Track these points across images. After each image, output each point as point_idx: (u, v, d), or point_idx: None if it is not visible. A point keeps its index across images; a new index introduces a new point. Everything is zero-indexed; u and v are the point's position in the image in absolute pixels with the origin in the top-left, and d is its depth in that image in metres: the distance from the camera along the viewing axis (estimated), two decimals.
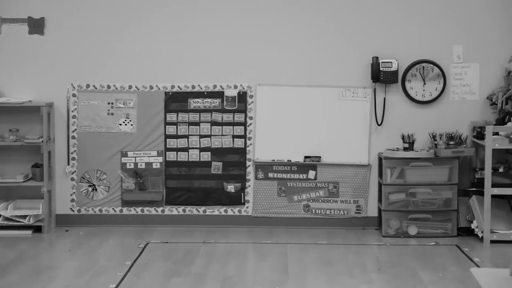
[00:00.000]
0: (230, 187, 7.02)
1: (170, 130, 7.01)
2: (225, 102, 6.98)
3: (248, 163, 7.01)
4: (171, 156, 7.01)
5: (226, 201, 7.03)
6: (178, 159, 7.01)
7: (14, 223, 6.76)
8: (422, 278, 5.51)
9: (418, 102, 6.91)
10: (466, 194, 6.80)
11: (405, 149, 6.74)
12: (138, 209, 7.06)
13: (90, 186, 7.04)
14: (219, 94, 6.98)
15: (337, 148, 6.94)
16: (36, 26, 6.94)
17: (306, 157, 6.95)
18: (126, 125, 7.00)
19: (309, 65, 6.93)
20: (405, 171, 6.66)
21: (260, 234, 6.79)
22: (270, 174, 7.01)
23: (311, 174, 6.98)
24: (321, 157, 6.95)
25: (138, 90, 6.99)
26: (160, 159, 7.02)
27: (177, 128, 7.00)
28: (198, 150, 7.01)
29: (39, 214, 6.82)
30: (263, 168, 7.00)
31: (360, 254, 6.17)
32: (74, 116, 7.00)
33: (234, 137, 7.01)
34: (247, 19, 6.92)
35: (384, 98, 6.91)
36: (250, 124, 6.98)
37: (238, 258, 6.05)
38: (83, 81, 6.99)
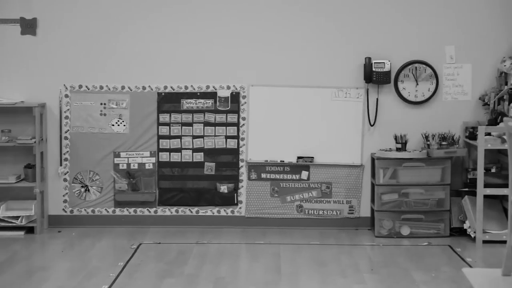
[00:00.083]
0: (223, 188, 7.01)
1: (163, 130, 7.00)
2: (218, 103, 6.98)
3: (241, 164, 7.01)
4: (164, 156, 7.01)
5: (219, 201, 7.02)
6: (171, 160, 7.01)
7: (6, 224, 6.74)
8: (414, 278, 5.52)
9: (411, 103, 6.92)
10: (459, 194, 6.81)
11: (397, 149, 6.74)
12: (131, 209, 7.05)
13: (82, 186, 7.03)
14: (212, 95, 6.97)
15: (330, 148, 6.95)
16: (28, 26, 6.93)
17: (299, 157, 6.95)
18: (118, 125, 6.99)
19: (302, 65, 6.93)
20: (397, 172, 6.67)
21: (253, 235, 6.79)
22: (263, 175, 7.01)
23: (304, 174, 6.99)
24: (314, 157, 6.95)
25: (131, 90, 6.98)
26: (153, 160, 7.01)
27: (170, 128, 6.99)
28: (191, 151, 7.01)
29: (32, 215, 6.80)
30: (256, 168, 7.00)
31: (353, 255, 6.18)
32: (66, 116, 6.99)
33: (227, 137, 7.00)
34: (241, 21, 6.92)
35: (376, 99, 6.92)
36: (243, 124, 6.98)
37: (231, 259, 6.05)
38: (76, 81, 6.98)
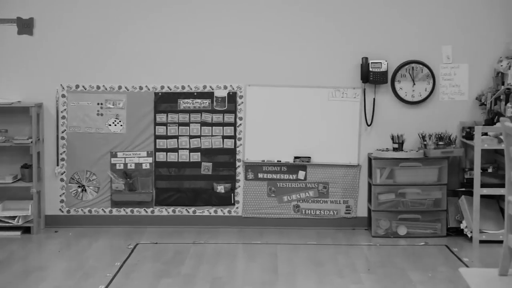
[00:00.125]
0: (220, 188, 7.01)
1: (160, 130, 7.00)
2: (215, 103, 6.98)
3: (238, 164, 7.01)
4: (161, 156, 7.00)
5: (216, 201, 7.02)
6: (168, 160, 7.01)
7: (3, 224, 6.73)
8: (411, 278, 5.52)
9: (408, 103, 6.92)
10: (456, 194, 6.82)
11: (394, 149, 6.75)
12: (128, 209, 7.04)
13: (79, 186, 7.02)
14: (209, 95, 6.97)
15: (327, 148, 6.95)
16: (25, 26, 6.92)
17: (296, 157, 6.95)
18: (115, 125, 6.98)
19: (299, 66, 6.93)
20: (394, 172, 6.68)
21: (250, 235, 6.79)
22: (260, 175, 7.01)
23: (301, 174, 6.99)
24: (311, 157, 6.95)
25: (128, 90, 6.98)
26: (149, 160, 7.01)
27: (166, 128, 6.99)
28: (188, 151, 7.00)
29: (28, 215, 6.79)
30: (253, 168, 7.00)
31: (349, 254, 6.18)
32: (63, 116, 6.98)
33: (224, 137, 7.00)
34: (237, 21, 6.91)
35: (373, 99, 6.92)
36: (240, 124, 6.98)
37: (228, 259, 6.05)
38: (73, 81, 6.98)
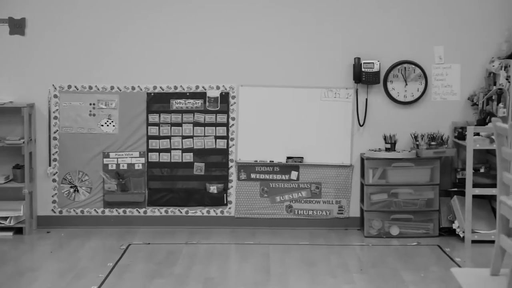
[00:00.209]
0: (213, 188, 7.01)
1: (152, 131, 6.99)
2: (207, 103, 6.97)
3: (230, 164, 7.01)
4: (153, 157, 6.99)
5: (208, 202, 7.02)
6: (161, 160, 7.00)
7: None
8: (404, 278, 5.53)
9: (400, 103, 6.93)
10: (448, 194, 6.83)
11: (387, 149, 6.76)
12: (120, 210, 7.03)
13: (71, 187, 7.01)
14: (202, 95, 6.97)
15: (319, 148, 6.95)
16: (17, 26, 6.90)
17: (288, 157, 6.95)
18: (108, 126, 6.97)
19: (291, 66, 6.94)
20: (387, 172, 6.68)
21: (242, 235, 6.79)
22: (253, 175, 7.00)
23: (294, 174, 6.99)
24: (303, 157, 6.96)
25: (120, 91, 6.96)
26: (142, 160, 7.00)
27: (159, 129, 6.98)
28: (180, 151, 7.00)
29: (20, 215, 6.77)
30: (246, 168, 7.00)
31: (342, 255, 6.18)
32: (55, 117, 6.96)
33: (216, 138, 6.99)
34: (230, 22, 6.91)
35: (366, 99, 6.93)
36: (233, 125, 6.98)
37: (220, 259, 6.04)
38: (65, 82, 6.96)
